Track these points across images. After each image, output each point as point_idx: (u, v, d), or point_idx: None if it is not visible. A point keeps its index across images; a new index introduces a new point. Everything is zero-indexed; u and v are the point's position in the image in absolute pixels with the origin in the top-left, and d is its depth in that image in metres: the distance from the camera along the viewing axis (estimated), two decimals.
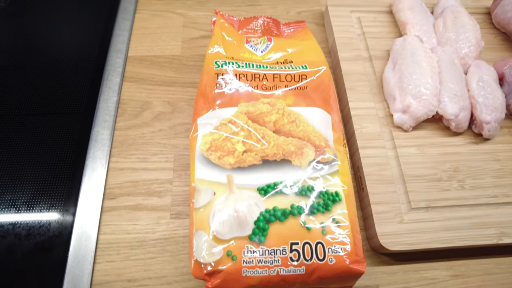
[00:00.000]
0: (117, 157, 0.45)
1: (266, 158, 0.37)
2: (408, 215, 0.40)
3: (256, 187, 0.35)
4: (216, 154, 0.37)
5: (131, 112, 0.49)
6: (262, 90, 0.42)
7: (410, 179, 0.42)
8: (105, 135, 0.47)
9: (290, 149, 0.37)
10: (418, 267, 0.41)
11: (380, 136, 0.45)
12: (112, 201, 0.43)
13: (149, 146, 0.46)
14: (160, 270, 0.39)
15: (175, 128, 0.48)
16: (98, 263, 0.39)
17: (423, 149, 0.45)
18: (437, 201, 0.41)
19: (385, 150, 0.44)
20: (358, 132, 0.45)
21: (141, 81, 0.51)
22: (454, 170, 0.44)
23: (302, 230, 0.33)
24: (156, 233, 0.41)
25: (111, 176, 0.44)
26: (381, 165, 0.43)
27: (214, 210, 0.34)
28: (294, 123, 0.39)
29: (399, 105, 0.45)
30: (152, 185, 0.44)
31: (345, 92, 0.48)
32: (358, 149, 0.44)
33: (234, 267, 0.31)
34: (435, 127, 0.46)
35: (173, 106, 0.49)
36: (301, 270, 0.31)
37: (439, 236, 0.39)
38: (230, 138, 0.38)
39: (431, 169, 0.43)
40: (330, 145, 0.38)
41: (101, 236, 0.41)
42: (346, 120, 0.47)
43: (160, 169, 0.45)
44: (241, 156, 0.37)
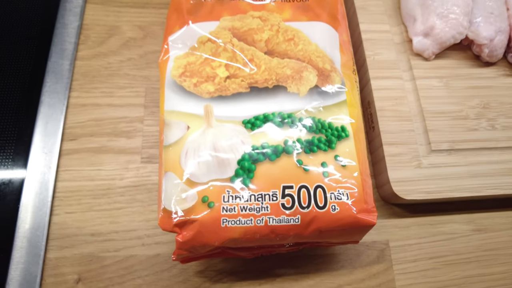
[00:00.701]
0: (78, 92, 0.37)
1: (255, 85, 0.29)
2: (427, 158, 0.33)
3: (241, 119, 0.28)
4: (192, 81, 0.29)
5: (95, 38, 0.40)
6: (252, 3, 0.33)
7: (431, 116, 0.35)
8: (64, 66, 0.39)
9: (286, 72, 0.29)
10: (435, 220, 0.35)
11: (396, 65, 0.37)
12: (72, 143, 0.35)
13: (116, 79, 0.38)
14: (129, 222, 0.33)
15: (146, 56, 0.39)
16: (55, 214, 0.33)
17: (447, 81, 0.37)
18: (462, 142, 0.34)
19: (401, 82, 0.36)
20: (370, 59, 0.36)
21: (108, 2, 0.42)
22: (484, 106, 0.36)
23: (297, 171, 0.26)
24: (124, 180, 0.34)
25: (71, 114, 0.36)
26: (396, 99, 0.35)
27: (188, 148, 0.27)
28: (291, 41, 0.31)
29: (421, 27, 0.37)
30: (120, 124, 0.36)
31: (355, 13, 0.39)
32: (370, 80, 0.36)
33: (211, 216, 0.24)
34: (462, 55, 0.38)
35: (145, 31, 0.41)
36: (295, 220, 0.25)
37: (463, 184, 0.33)
38: (209, 61, 0.30)
39: (456, 105, 0.36)
40: (336, 68, 0.30)
41: (59, 183, 0.34)
42: (356, 45, 0.39)
43: (128, 105, 0.37)
44: (223, 83, 0.29)
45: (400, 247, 0.33)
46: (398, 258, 0.33)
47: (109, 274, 0.31)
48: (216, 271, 0.32)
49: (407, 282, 0.32)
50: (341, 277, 0.32)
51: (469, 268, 0.33)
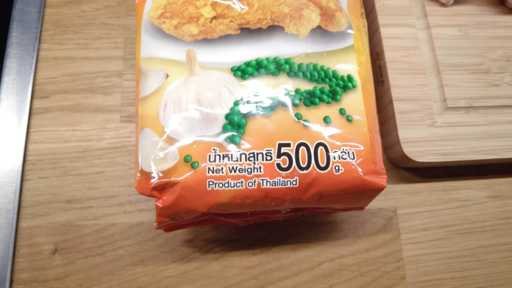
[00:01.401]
0: (49, 43, 0.33)
1: (246, 26, 0.25)
2: (442, 116, 0.30)
3: (230, 66, 0.23)
4: (172, 22, 0.25)
5: None
6: None
7: (447, 69, 0.31)
8: (32, 14, 0.34)
9: (283, 10, 0.25)
10: (448, 185, 0.31)
11: (409, 12, 0.32)
12: (43, 101, 0.31)
13: (92, 28, 0.34)
14: (109, 188, 0.30)
15: (126, 3, 0.35)
16: (27, 180, 0.30)
17: (466, 30, 0.32)
18: (481, 99, 0.30)
19: (414, 30, 0.32)
20: (379, 4, 0.32)
21: None
22: (508, 59, 0.32)
23: (296, 127, 0.22)
24: (103, 141, 0.31)
25: (42, 68, 0.32)
26: (409, 49, 0.31)
27: (167, 99, 0.23)
28: None
29: None
30: (97, 79, 0.32)
31: None
32: (379, 27, 0.31)
33: (195, 177, 0.21)
34: (484, 1, 0.34)
35: None
36: (293, 183, 0.21)
37: (482, 145, 0.29)
38: (193, 0, 0.26)
39: (476, 56, 0.32)
40: (342, 8, 0.26)
41: (30, 145, 0.30)
42: None
43: (106, 57, 0.33)
44: (208, 24, 0.25)
45: (408, 215, 0.30)
46: (406, 226, 0.30)
47: (88, 244, 0.28)
48: (206, 240, 0.29)
49: (415, 253, 0.29)
50: (343, 247, 0.29)
51: (483, 238, 0.30)
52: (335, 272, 0.29)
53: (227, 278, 0.28)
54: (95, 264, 0.28)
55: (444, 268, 0.29)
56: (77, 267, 0.28)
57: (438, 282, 0.29)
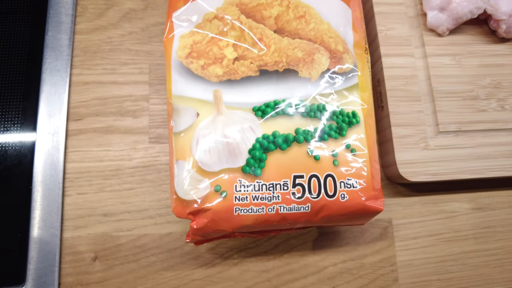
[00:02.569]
0: (79, 69, 0.36)
1: (265, 68, 0.28)
2: (435, 140, 0.34)
3: (251, 106, 0.27)
4: (199, 63, 0.28)
5: (93, 10, 0.38)
6: None
7: (441, 96, 0.34)
8: (63, 41, 0.37)
9: (297, 55, 0.28)
10: (437, 199, 0.36)
11: (409, 41, 0.35)
12: (78, 123, 0.35)
13: (118, 54, 0.37)
14: (140, 202, 0.34)
15: (149, 30, 0.38)
16: (68, 195, 0.33)
17: (460, 59, 0.36)
18: (470, 124, 0.34)
19: (413, 60, 0.35)
20: (381, 35, 0.35)
21: None
22: (495, 86, 0.35)
23: (308, 161, 0.26)
24: (133, 161, 0.34)
25: (75, 92, 0.36)
26: (407, 78, 0.34)
27: (198, 136, 0.26)
28: (303, 18, 0.30)
29: (437, 1, 0.35)
30: (125, 103, 0.36)
31: None
32: (381, 57, 0.35)
33: (224, 204, 0.25)
34: (477, 31, 0.37)
35: (146, 0, 0.38)
36: (305, 208, 0.26)
37: (468, 166, 0.33)
38: (216, 40, 0.29)
39: (467, 84, 0.35)
40: (349, 49, 0.29)
41: (68, 164, 0.34)
42: (367, 18, 0.37)
43: (133, 82, 0.36)
44: (231, 65, 0.28)
45: (402, 225, 0.35)
46: (400, 235, 0.34)
47: (124, 252, 0.32)
48: (227, 247, 0.33)
49: (407, 258, 0.34)
50: (345, 253, 0.34)
51: (466, 245, 0.35)
52: (337, 275, 0.33)
53: (245, 281, 0.32)
54: (131, 269, 0.32)
55: (431, 271, 0.34)
56: (115, 272, 0.32)
57: (426, 283, 0.34)
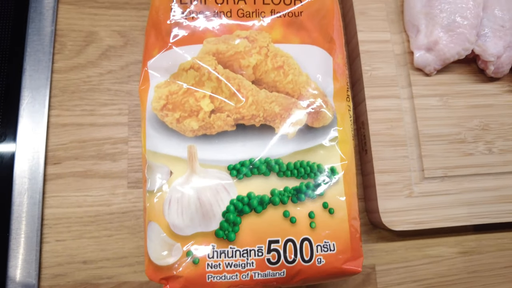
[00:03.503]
0: (58, 109, 0.35)
1: (241, 122, 0.27)
2: (419, 186, 0.33)
3: (227, 164, 0.26)
4: (174, 115, 0.28)
5: (71, 47, 0.37)
6: (238, 19, 0.30)
7: (427, 140, 0.34)
8: (41, 80, 0.36)
9: (274, 110, 0.27)
10: (422, 243, 0.35)
11: (395, 82, 0.34)
12: (56, 167, 0.34)
13: (97, 94, 0.36)
14: (120, 249, 0.33)
15: (128, 68, 0.37)
16: (46, 242, 0.33)
17: (447, 100, 0.35)
18: (456, 168, 0.33)
19: (399, 101, 0.34)
20: (366, 75, 0.34)
21: (82, 2, 0.38)
22: (483, 128, 0.34)
23: (284, 224, 0.25)
24: (112, 206, 0.34)
25: (53, 135, 0.35)
26: (392, 121, 0.33)
27: (171, 197, 0.26)
28: (281, 69, 0.29)
29: (424, 40, 0.34)
30: (104, 146, 0.35)
31: (353, 17, 0.36)
32: (365, 99, 0.34)
33: (196, 272, 0.24)
34: (466, 69, 0.36)
35: (125, 37, 0.37)
36: (281, 274, 0.25)
37: (453, 213, 0.32)
38: (193, 91, 0.28)
39: (455, 126, 0.34)
40: (329, 102, 0.28)
41: (47, 210, 0.33)
42: (352, 57, 0.36)
43: (112, 124, 0.35)
44: (207, 119, 0.27)
45: (386, 271, 0.34)
46: (384, 281, 0.34)
47: None
48: None
49: None
50: None
51: None
52: None
53: None
54: None
55: None
56: None
57: None
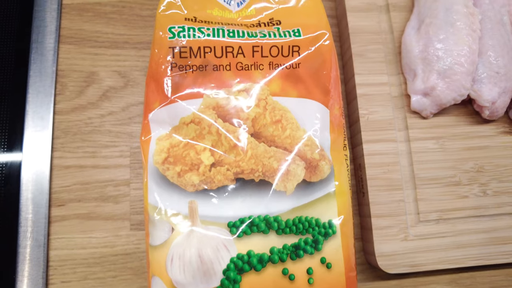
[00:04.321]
0: (61, 151, 0.36)
1: (241, 176, 0.28)
2: (415, 229, 0.34)
3: (227, 221, 0.27)
4: (175, 169, 0.28)
5: (73, 88, 0.38)
6: (237, 72, 0.30)
7: (423, 183, 0.34)
8: (44, 121, 0.37)
9: (273, 165, 0.28)
10: (417, 281, 0.36)
11: (392, 125, 0.35)
12: (60, 209, 0.35)
13: (99, 136, 0.37)
14: None
15: (129, 109, 0.37)
16: (52, 284, 0.34)
17: (443, 142, 0.35)
18: (451, 211, 0.34)
19: (395, 145, 0.35)
20: (363, 119, 0.35)
21: (83, 42, 0.39)
22: (478, 170, 0.35)
23: (283, 282, 0.26)
24: (116, 248, 0.35)
25: (57, 177, 0.36)
26: (388, 165, 0.34)
27: (173, 253, 0.27)
28: (279, 123, 0.29)
29: (421, 85, 0.34)
30: (106, 188, 0.36)
31: (351, 58, 0.36)
32: (362, 143, 0.34)
33: None
34: (462, 111, 0.36)
35: (126, 77, 0.38)
36: None
37: (448, 256, 0.33)
38: (193, 145, 0.29)
39: (450, 169, 0.35)
40: (326, 155, 0.29)
41: (52, 252, 0.34)
42: (349, 98, 0.37)
43: (114, 166, 0.36)
44: (208, 173, 0.28)
45: None
46: None
47: None
48: None
49: None
50: None
51: None
52: None
53: None
54: None
55: None
56: None
57: None
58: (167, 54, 0.30)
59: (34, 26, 0.38)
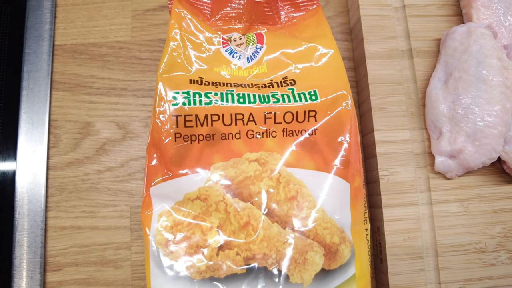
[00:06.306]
0: (56, 211, 0.34)
1: (252, 262, 0.26)
2: None
3: None
4: (179, 253, 0.26)
5: (67, 140, 0.35)
6: (247, 140, 0.28)
7: (445, 250, 0.32)
8: (36, 179, 0.34)
9: (287, 252, 0.26)
10: None
11: (413, 187, 0.32)
12: (57, 274, 0.33)
13: (97, 194, 0.34)
14: None
15: (128, 164, 0.35)
16: None
17: (468, 205, 0.33)
18: (476, 281, 0.32)
19: (417, 209, 0.32)
20: (384, 181, 0.32)
21: (77, 88, 0.36)
22: (505, 235, 0.33)
23: None
24: None
25: (52, 239, 0.33)
26: (409, 231, 0.32)
27: None
28: (294, 201, 0.27)
29: (447, 147, 0.31)
30: (106, 251, 0.33)
31: (370, 111, 0.34)
32: (382, 207, 0.32)
33: None
34: (488, 169, 0.33)
35: (124, 129, 0.35)
36: None
37: None
38: (199, 224, 0.26)
39: (475, 234, 0.32)
40: (346, 237, 0.27)
41: None
42: (368, 154, 0.34)
43: (114, 227, 0.34)
44: (215, 257, 0.26)
45: None
46: None
47: None
48: None
49: None
50: None
51: None
52: None
53: None
54: None
55: None
56: None
57: None
58: (171, 123, 0.27)
59: (25, 71, 0.35)
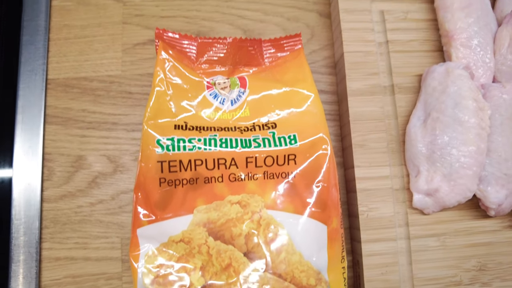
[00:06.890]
0: (50, 242, 0.35)
1: None
2: None
3: None
4: None
5: (60, 173, 0.36)
6: (229, 183, 0.29)
7: (421, 284, 0.33)
8: (31, 211, 0.35)
9: None
10: None
11: (392, 222, 0.34)
12: None
13: (89, 226, 0.35)
14: None
15: (119, 198, 0.36)
16: None
17: (445, 239, 0.34)
18: None
19: (395, 244, 0.33)
20: (363, 217, 0.33)
21: (69, 122, 0.37)
22: (480, 268, 0.34)
23: None
24: None
25: (46, 270, 0.35)
26: (387, 265, 0.33)
27: None
28: (273, 243, 0.28)
29: (424, 185, 0.33)
30: (98, 281, 0.35)
31: (350, 147, 0.35)
32: (361, 242, 0.33)
33: None
34: (465, 204, 0.35)
35: (115, 162, 0.36)
36: None
37: None
38: (183, 265, 0.28)
39: (451, 268, 0.34)
40: (322, 278, 0.28)
41: None
42: (348, 187, 0.35)
43: (106, 258, 0.35)
44: None
45: None
46: None
47: None
48: None
49: None
50: None
51: None
52: None
53: None
54: None
55: None
56: None
57: None
58: (156, 169, 0.28)
59: (19, 105, 0.37)
